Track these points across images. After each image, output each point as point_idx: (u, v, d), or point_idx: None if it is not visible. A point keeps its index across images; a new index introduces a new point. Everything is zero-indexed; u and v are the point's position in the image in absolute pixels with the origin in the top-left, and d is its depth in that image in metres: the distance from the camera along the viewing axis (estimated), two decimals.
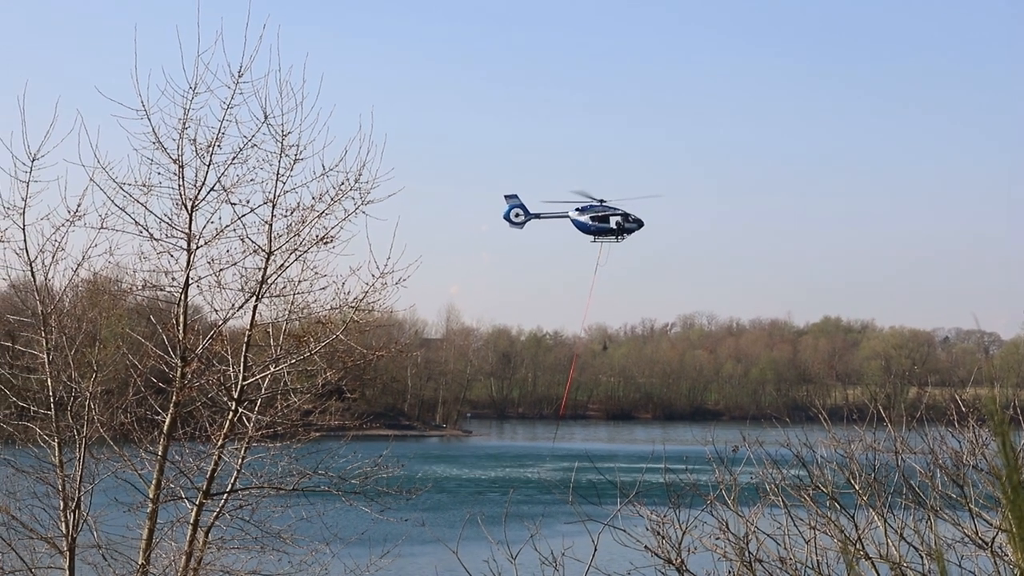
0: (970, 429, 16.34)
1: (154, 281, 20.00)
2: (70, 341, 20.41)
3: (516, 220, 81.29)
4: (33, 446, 20.73)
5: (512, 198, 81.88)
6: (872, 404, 17.88)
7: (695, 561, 15.71)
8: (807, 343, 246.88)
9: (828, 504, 15.92)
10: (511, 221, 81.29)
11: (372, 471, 21.51)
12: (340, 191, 19.59)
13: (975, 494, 15.37)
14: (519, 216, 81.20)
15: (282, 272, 19.77)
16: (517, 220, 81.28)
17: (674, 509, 16.06)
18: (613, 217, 78.84)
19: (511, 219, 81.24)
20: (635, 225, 79.66)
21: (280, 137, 19.31)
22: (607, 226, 78.92)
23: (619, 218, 78.85)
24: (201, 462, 19.97)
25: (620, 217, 78.87)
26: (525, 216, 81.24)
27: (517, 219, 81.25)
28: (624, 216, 79.01)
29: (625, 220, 79.02)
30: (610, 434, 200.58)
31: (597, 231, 79.24)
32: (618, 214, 78.90)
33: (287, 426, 20.58)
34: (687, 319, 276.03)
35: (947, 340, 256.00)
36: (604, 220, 78.89)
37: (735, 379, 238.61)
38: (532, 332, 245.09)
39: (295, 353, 20.08)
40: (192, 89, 18.94)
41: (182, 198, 19.37)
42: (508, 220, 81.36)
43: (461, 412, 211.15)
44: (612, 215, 78.88)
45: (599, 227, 79.00)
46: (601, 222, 78.89)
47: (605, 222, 78.88)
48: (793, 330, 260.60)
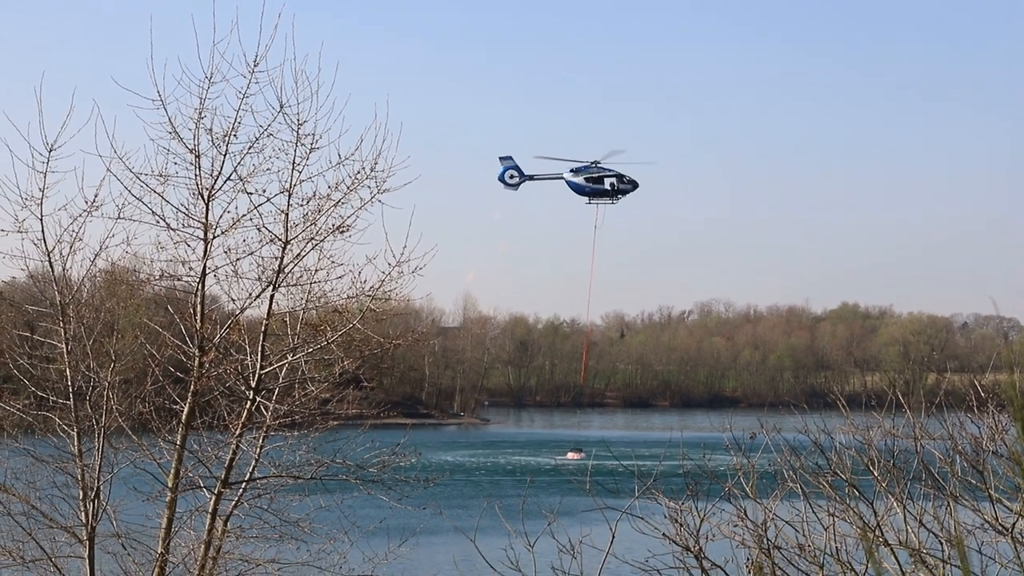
0: (990, 415, 16.27)
1: (171, 271, 20.07)
2: (88, 331, 20.46)
3: (511, 181, 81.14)
4: (52, 436, 20.81)
5: (507, 159, 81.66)
6: (891, 390, 17.82)
7: (713, 549, 15.69)
8: (825, 329, 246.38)
9: (847, 491, 15.88)
10: (506, 183, 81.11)
11: (390, 460, 21.51)
12: (356, 180, 19.59)
13: (995, 480, 15.31)
14: (514, 178, 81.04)
15: (299, 261, 19.79)
16: (512, 181, 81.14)
17: (692, 497, 16.04)
18: (607, 178, 78.42)
19: (506, 180, 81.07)
20: (630, 186, 79.17)
21: (296, 126, 19.31)
22: (602, 187, 78.54)
23: (613, 179, 78.44)
24: (219, 451, 20.02)
25: (615, 178, 78.46)
26: (520, 177, 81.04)
27: (512, 180, 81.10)
28: (619, 177, 78.57)
29: (620, 181, 78.58)
30: (627, 422, 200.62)
31: (592, 192, 78.91)
32: (612, 175, 78.46)
33: (305, 415, 20.60)
34: (704, 306, 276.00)
35: (966, 326, 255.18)
36: (599, 181, 78.50)
37: (753, 366, 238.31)
38: (549, 320, 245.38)
39: (312, 342, 20.08)
40: (208, 79, 18.96)
41: (199, 188, 19.39)
42: (503, 182, 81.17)
43: (479, 400, 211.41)
44: (606, 176, 78.47)
45: (594, 188, 78.64)
46: (596, 183, 78.52)
47: (600, 183, 78.49)
48: (811, 316, 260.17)
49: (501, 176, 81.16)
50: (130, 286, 22.35)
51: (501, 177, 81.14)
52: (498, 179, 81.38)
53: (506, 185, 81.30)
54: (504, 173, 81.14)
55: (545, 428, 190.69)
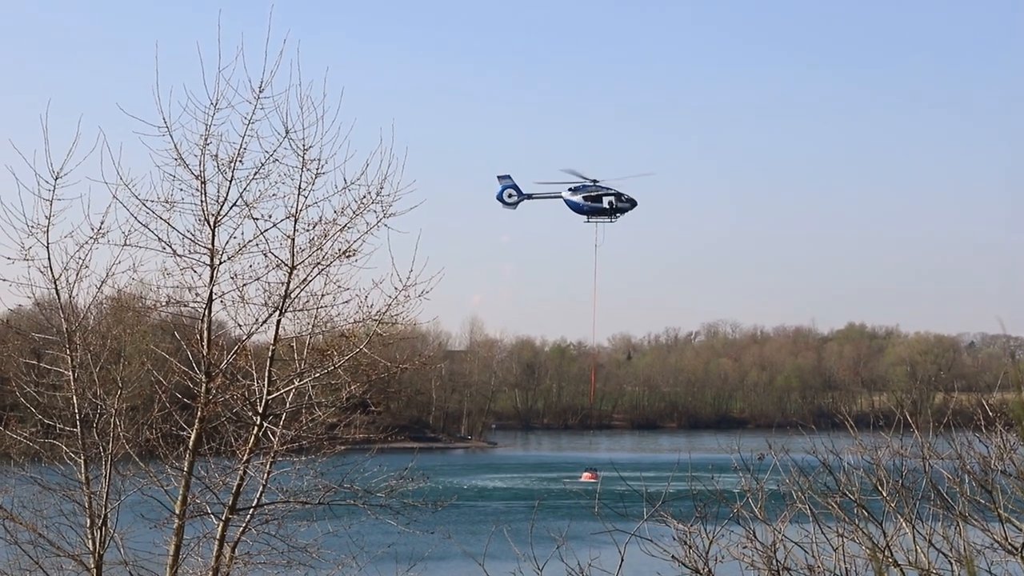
0: (998, 434, 16.24)
1: (178, 297, 20.07)
2: (95, 358, 20.46)
3: (509, 200, 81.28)
4: (59, 464, 20.79)
5: (505, 179, 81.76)
6: (898, 410, 17.79)
7: (722, 571, 15.65)
8: (832, 350, 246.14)
9: (856, 511, 15.84)
10: (504, 202, 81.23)
11: (398, 484, 21.47)
12: (362, 204, 19.60)
13: (1004, 499, 15.27)
14: (512, 197, 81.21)
15: (305, 286, 19.79)
16: (511, 201, 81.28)
17: (701, 519, 16.00)
18: (606, 197, 78.65)
19: (504, 199, 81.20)
20: (628, 205, 79.36)
21: (301, 151, 19.34)
22: (600, 206, 78.76)
23: (612, 198, 78.67)
24: (227, 477, 19.98)
25: (613, 197, 78.69)
26: (518, 196, 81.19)
27: (511, 199, 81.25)
28: (617, 196, 78.79)
29: (618, 200, 78.81)
30: (635, 443, 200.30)
31: (590, 211, 79.13)
32: (611, 194, 78.67)
33: (312, 440, 20.57)
34: (711, 327, 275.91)
35: (973, 345, 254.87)
36: (597, 200, 78.73)
37: (760, 387, 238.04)
38: (556, 343, 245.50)
39: (319, 367, 20.07)
40: (213, 105, 18.99)
41: (204, 214, 19.41)
42: (501, 201, 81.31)
43: (486, 424, 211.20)
44: (605, 195, 78.66)
45: (592, 207, 78.85)
46: (594, 202, 78.73)
47: (598, 202, 78.71)
48: (818, 337, 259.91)
49: (499, 195, 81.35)
50: (136, 313, 22.36)
51: (499, 196, 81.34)
52: (496, 198, 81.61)
53: (504, 204, 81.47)
54: (502, 192, 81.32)
55: (553, 451, 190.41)
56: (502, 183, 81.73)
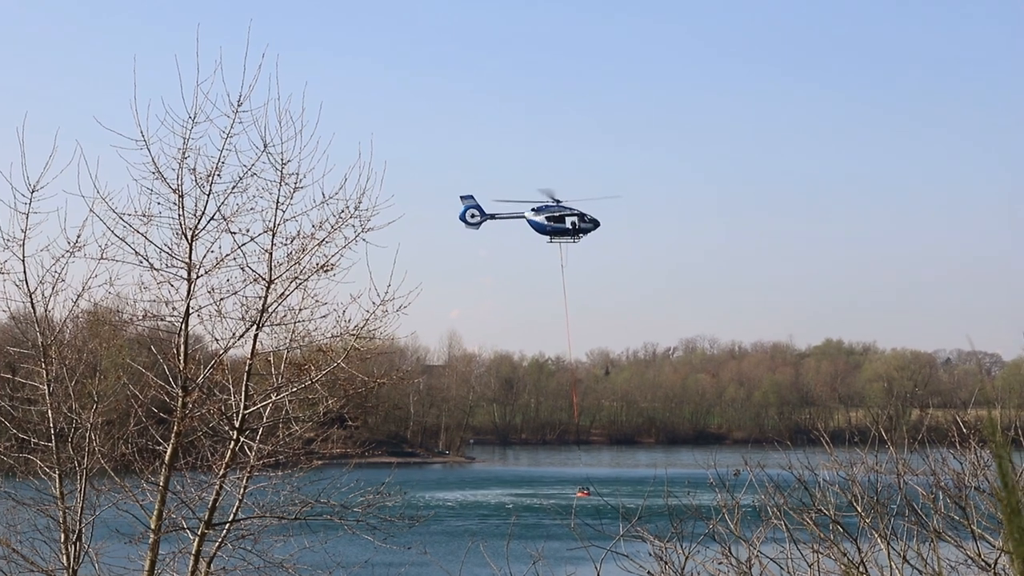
0: (972, 451, 16.33)
1: (155, 311, 20.00)
2: (70, 372, 20.39)
3: (472, 221, 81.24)
4: (34, 478, 20.69)
5: (468, 198, 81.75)
6: (874, 426, 17.87)
7: None
8: (809, 366, 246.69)
9: (830, 527, 15.89)
10: (467, 222, 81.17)
11: (375, 499, 21.44)
12: (340, 219, 19.61)
13: (977, 515, 15.35)
14: (475, 217, 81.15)
15: (282, 300, 19.77)
16: (473, 221, 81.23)
17: (677, 535, 16.03)
18: (569, 217, 78.85)
19: (467, 219, 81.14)
20: (591, 225, 79.61)
21: (280, 166, 19.34)
22: (563, 226, 78.97)
23: (575, 218, 78.87)
24: (203, 492, 19.91)
25: (576, 217, 78.90)
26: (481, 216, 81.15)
27: (473, 220, 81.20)
28: (580, 216, 79.01)
29: (581, 220, 79.02)
30: (613, 459, 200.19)
31: (553, 231, 79.30)
32: (574, 214, 78.89)
33: (289, 455, 20.53)
34: (689, 343, 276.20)
35: (949, 361, 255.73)
36: (560, 220, 78.95)
37: (738, 402, 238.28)
38: (534, 358, 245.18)
39: (296, 382, 20.04)
40: (192, 119, 18.98)
41: (182, 228, 19.38)
42: (464, 221, 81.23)
43: (464, 439, 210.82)
44: (568, 215, 78.89)
45: (555, 227, 79.04)
46: (557, 222, 78.95)
47: (561, 222, 78.94)
48: (795, 353, 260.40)
49: (462, 215, 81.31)
50: (113, 326, 22.29)
51: (462, 216, 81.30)
52: (459, 218, 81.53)
53: (467, 224, 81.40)
54: (465, 212, 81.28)
55: (531, 466, 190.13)
56: (464, 203, 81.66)
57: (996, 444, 5.25)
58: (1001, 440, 5.30)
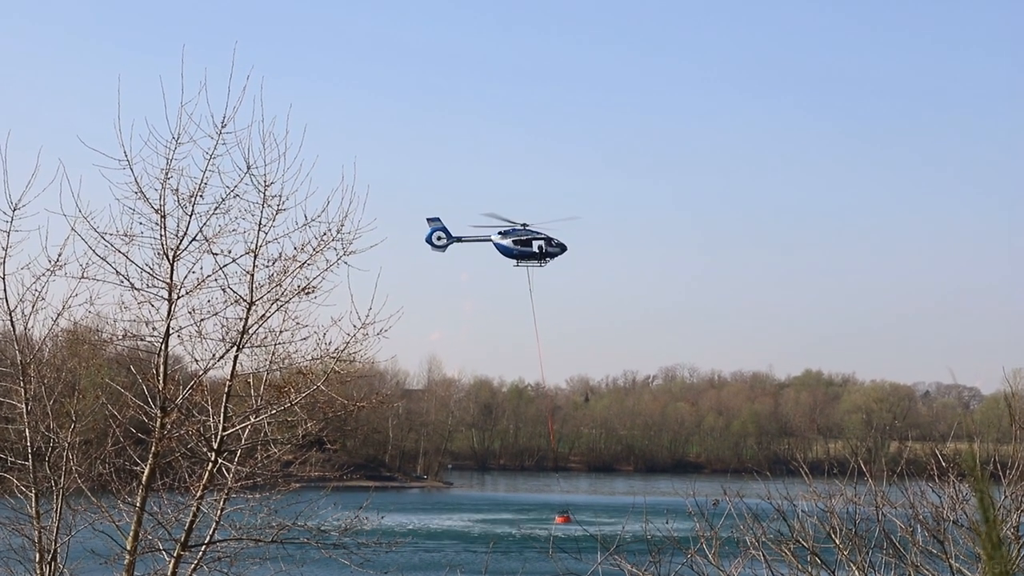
0: (950, 484, 16.37)
1: (135, 331, 19.92)
2: (49, 391, 20.30)
3: (438, 243, 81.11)
4: (9, 497, 20.56)
5: (434, 221, 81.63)
6: (853, 458, 17.90)
7: None
8: (789, 396, 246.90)
9: (808, 559, 15.90)
10: (433, 244, 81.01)
11: (352, 523, 21.37)
12: (322, 242, 19.61)
13: (955, 549, 15.37)
14: (441, 239, 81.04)
15: (263, 322, 19.73)
16: (439, 243, 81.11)
17: (655, 563, 16.01)
18: (536, 241, 78.90)
19: (433, 242, 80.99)
20: (558, 249, 79.68)
21: (263, 187, 19.34)
22: (530, 250, 79.01)
23: (542, 242, 78.93)
24: (180, 513, 19.81)
25: (543, 241, 78.95)
26: (448, 239, 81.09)
27: (439, 242, 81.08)
28: (547, 240, 79.06)
29: (548, 244, 79.09)
30: (591, 486, 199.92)
31: (520, 255, 79.29)
32: (541, 238, 78.96)
33: (267, 477, 20.45)
34: (669, 371, 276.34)
35: (928, 394, 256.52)
36: (527, 244, 78.99)
37: (716, 432, 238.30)
38: (514, 383, 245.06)
39: (276, 403, 19.99)
40: (175, 139, 18.98)
41: (164, 248, 19.35)
42: (430, 243, 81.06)
43: (442, 463, 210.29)
44: (535, 239, 78.95)
45: (522, 251, 79.05)
46: (524, 246, 78.98)
47: (528, 246, 78.97)
48: (775, 383, 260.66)
49: (428, 237, 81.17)
50: (92, 346, 22.21)
51: (428, 239, 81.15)
52: (425, 240, 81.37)
53: (433, 247, 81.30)
54: (431, 235, 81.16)
55: (509, 492, 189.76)
56: (431, 225, 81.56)
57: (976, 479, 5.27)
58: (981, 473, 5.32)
